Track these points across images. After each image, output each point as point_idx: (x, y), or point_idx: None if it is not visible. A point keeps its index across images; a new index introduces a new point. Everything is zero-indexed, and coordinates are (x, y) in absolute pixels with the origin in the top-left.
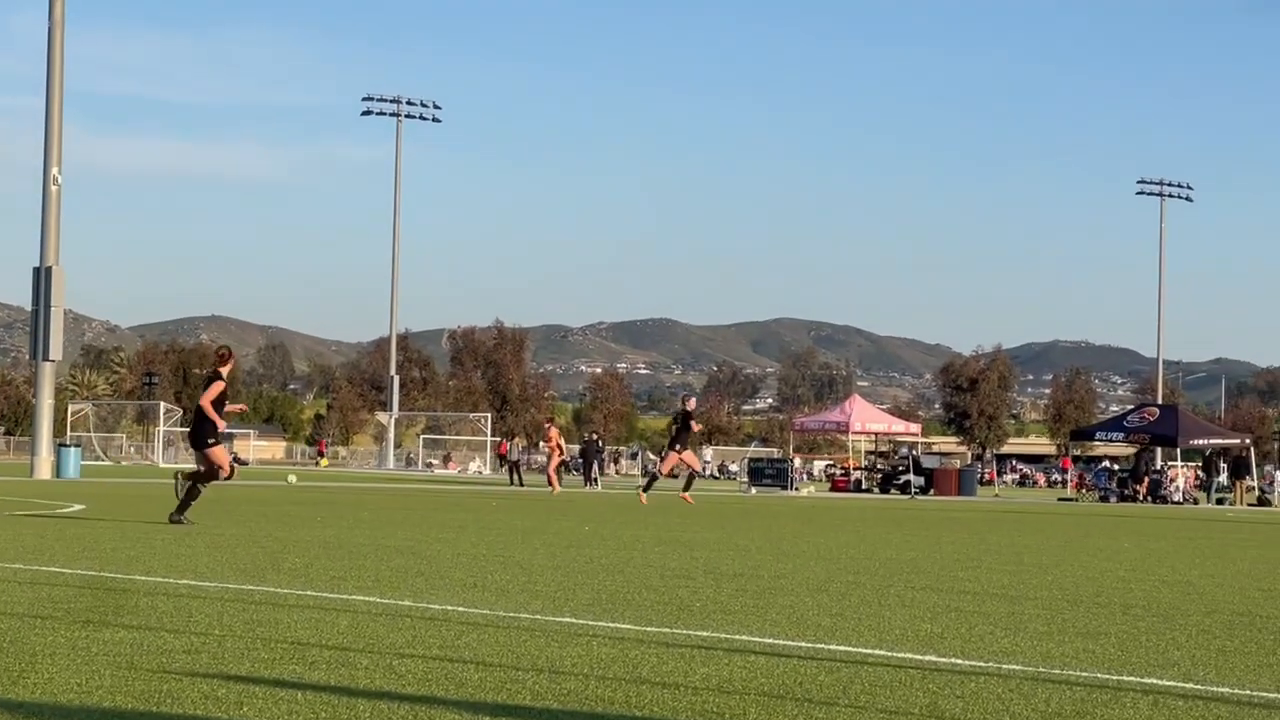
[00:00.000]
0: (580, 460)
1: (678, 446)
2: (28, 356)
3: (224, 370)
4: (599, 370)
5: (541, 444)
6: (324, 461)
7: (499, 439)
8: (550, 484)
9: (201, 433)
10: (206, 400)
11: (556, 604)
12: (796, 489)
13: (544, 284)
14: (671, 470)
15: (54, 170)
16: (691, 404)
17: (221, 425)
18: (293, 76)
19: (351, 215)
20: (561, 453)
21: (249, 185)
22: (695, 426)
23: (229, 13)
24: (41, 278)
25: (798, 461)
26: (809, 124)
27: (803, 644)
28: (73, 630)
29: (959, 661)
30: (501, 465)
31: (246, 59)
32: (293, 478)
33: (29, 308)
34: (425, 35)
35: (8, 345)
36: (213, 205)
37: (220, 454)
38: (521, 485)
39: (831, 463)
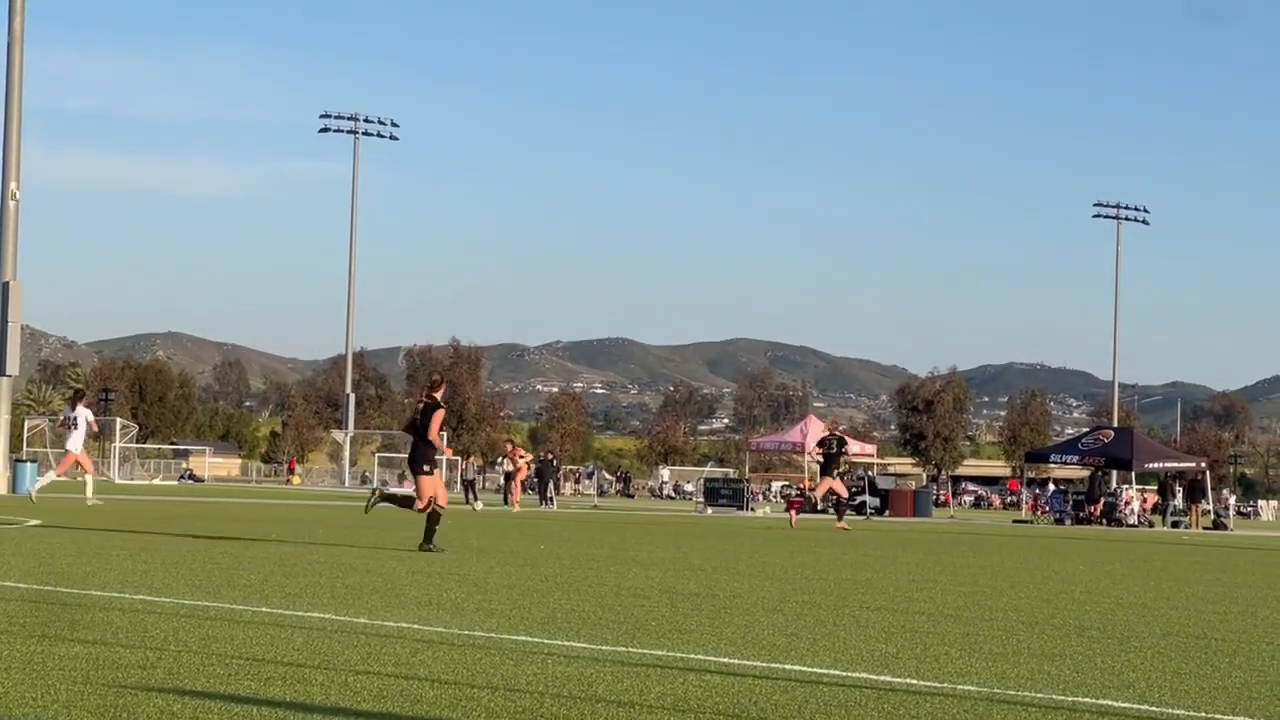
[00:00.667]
0: (536, 479)
1: (833, 472)
2: None
3: (438, 395)
4: (556, 390)
5: (502, 461)
6: (296, 479)
7: (457, 458)
8: (511, 502)
9: (421, 458)
10: (435, 430)
11: (511, 622)
12: (752, 509)
13: (501, 303)
14: (824, 495)
15: (12, 185)
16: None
17: (448, 452)
18: (251, 93)
19: (309, 232)
20: (523, 472)
21: (206, 202)
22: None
23: (188, 29)
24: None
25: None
26: (766, 145)
27: (757, 663)
28: (28, 644)
29: (914, 682)
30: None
31: (205, 75)
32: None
33: None
34: (383, 53)
35: None
36: (170, 221)
37: (429, 484)
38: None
39: (787, 483)
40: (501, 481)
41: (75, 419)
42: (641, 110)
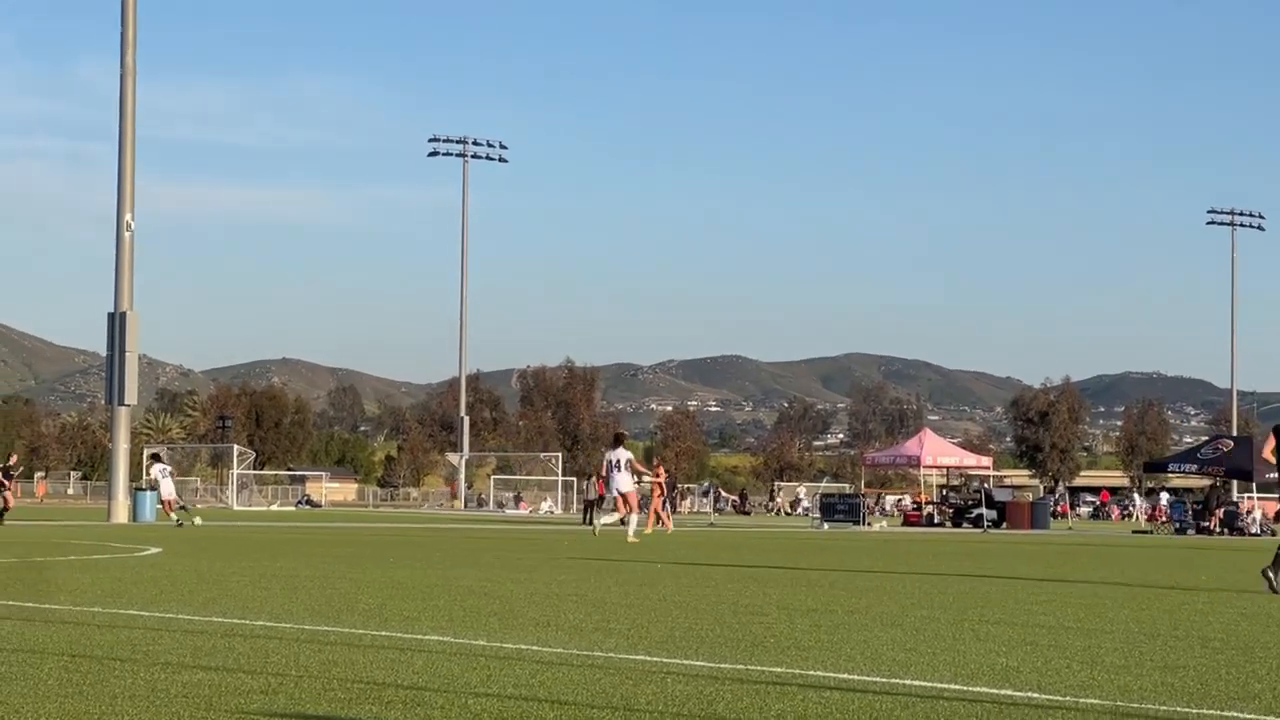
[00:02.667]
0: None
1: None
2: (103, 401)
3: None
4: (669, 408)
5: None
6: (455, 503)
7: (576, 478)
8: (662, 523)
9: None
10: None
11: (630, 641)
12: (869, 524)
13: (614, 323)
14: None
15: (127, 217)
16: None
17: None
18: (360, 120)
19: (420, 256)
20: (662, 491)
21: (318, 228)
22: None
23: (296, 59)
24: (116, 323)
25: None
26: (876, 158)
27: (878, 679)
28: (152, 672)
29: (1035, 695)
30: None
31: (314, 104)
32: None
33: (104, 353)
34: (490, 77)
35: (84, 391)
36: (283, 249)
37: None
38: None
39: (903, 497)
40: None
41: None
42: (751, 127)
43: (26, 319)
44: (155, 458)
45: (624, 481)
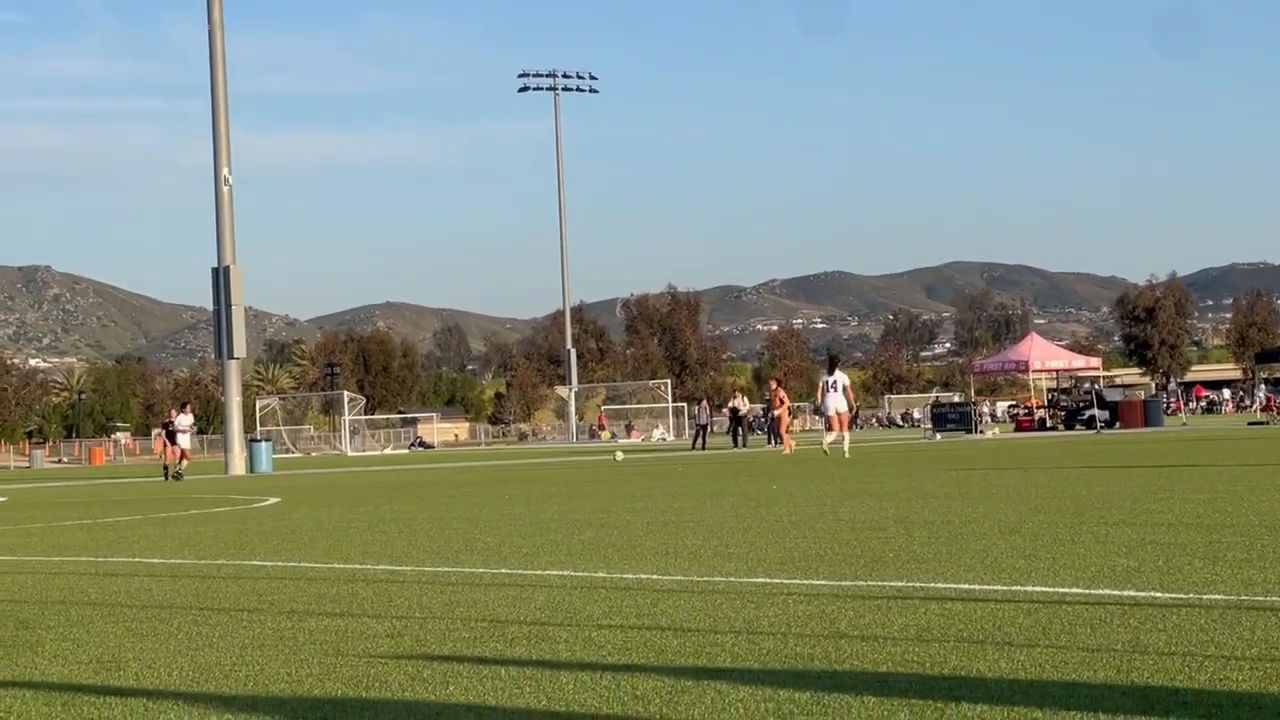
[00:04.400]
0: (763, 420)
1: None
2: (213, 356)
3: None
4: (775, 328)
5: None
6: (605, 434)
7: (686, 404)
8: (784, 444)
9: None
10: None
11: (749, 565)
12: (981, 432)
13: (715, 245)
14: None
15: (224, 171)
16: None
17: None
18: (446, 61)
19: (517, 192)
20: (790, 412)
21: (412, 171)
22: None
23: (380, 4)
24: (220, 277)
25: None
26: (970, 68)
27: (999, 587)
28: (279, 621)
29: (1158, 595)
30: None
31: (400, 47)
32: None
33: (210, 308)
34: (576, 7)
35: (194, 346)
36: (378, 193)
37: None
38: (743, 446)
39: (1014, 403)
40: (728, 424)
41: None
42: (843, 44)
43: (134, 279)
44: (182, 407)
45: (839, 402)
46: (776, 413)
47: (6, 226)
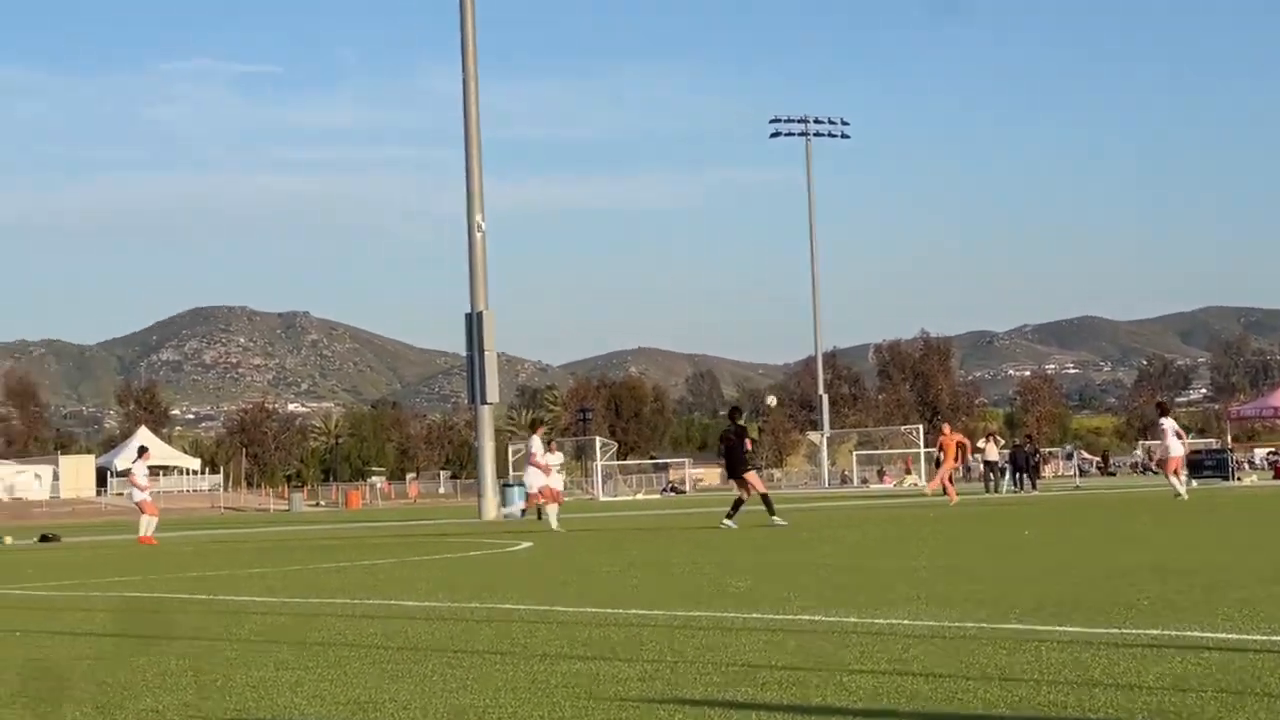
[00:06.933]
0: (1012, 465)
1: None
2: (466, 401)
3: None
4: (1027, 373)
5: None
6: (908, 479)
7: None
8: (947, 492)
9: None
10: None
11: (1001, 610)
12: (1238, 479)
13: (966, 291)
14: None
15: (477, 218)
16: None
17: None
18: (694, 107)
19: (768, 237)
20: (957, 460)
21: (663, 216)
22: None
23: (622, 52)
24: (473, 323)
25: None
26: (1219, 103)
27: (1257, 637)
28: (531, 664)
29: None
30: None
31: (646, 94)
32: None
33: (464, 354)
34: (827, 56)
35: (447, 391)
36: (630, 239)
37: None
38: (995, 491)
39: (1273, 450)
40: (982, 469)
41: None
42: (1087, 90)
43: (389, 325)
44: (547, 444)
45: (1176, 446)
46: (939, 455)
47: (267, 274)
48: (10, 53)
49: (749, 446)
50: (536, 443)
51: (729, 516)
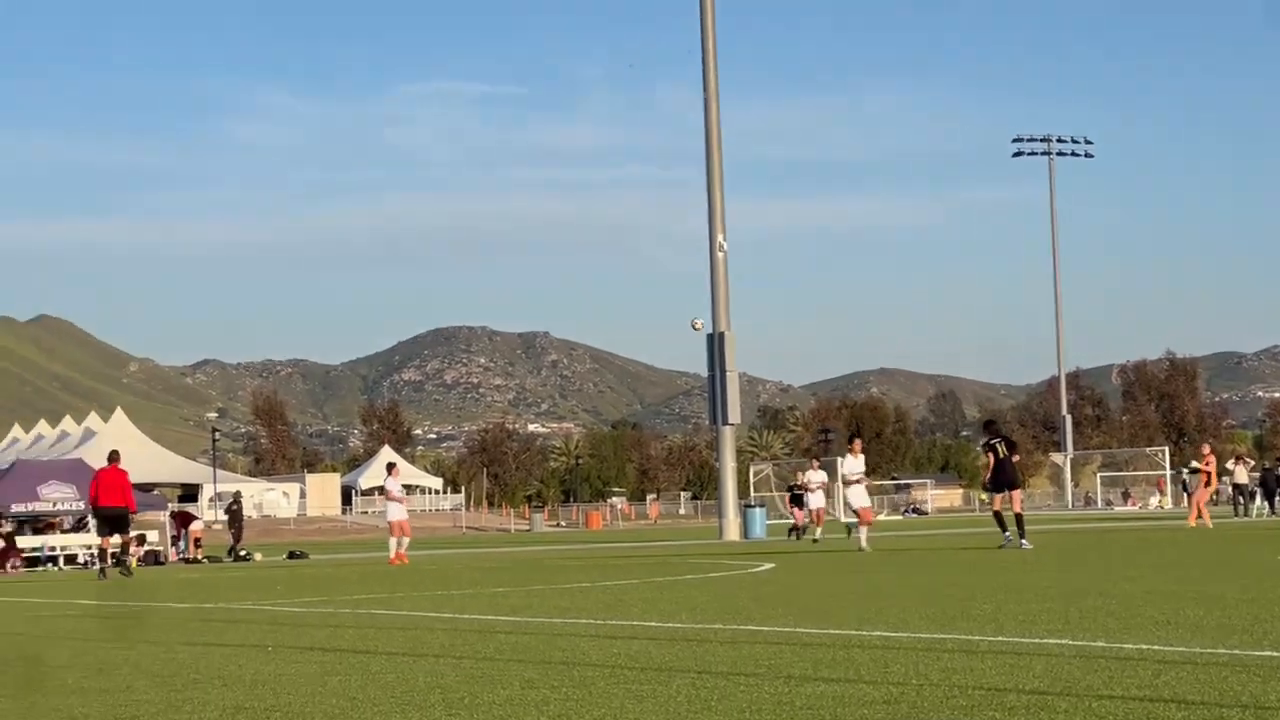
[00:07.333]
0: (1263, 488)
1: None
2: (707, 422)
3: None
4: (1277, 395)
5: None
6: (1153, 500)
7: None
8: (1202, 517)
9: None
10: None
11: (1255, 637)
12: None
13: (1213, 311)
14: None
15: (719, 238)
16: None
17: None
18: (933, 126)
19: (1009, 257)
20: (1209, 482)
21: (905, 236)
22: None
23: (860, 72)
24: (715, 344)
25: None
26: None
27: None
28: (775, 685)
29: None
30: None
31: (889, 113)
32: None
33: (705, 374)
34: (1071, 73)
35: (688, 412)
36: (872, 259)
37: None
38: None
39: None
40: (1230, 492)
41: None
42: None
43: (630, 346)
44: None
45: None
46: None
47: (507, 294)
48: (264, 80)
49: (1016, 459)
50: (852, 462)
51: (1022, 536)
